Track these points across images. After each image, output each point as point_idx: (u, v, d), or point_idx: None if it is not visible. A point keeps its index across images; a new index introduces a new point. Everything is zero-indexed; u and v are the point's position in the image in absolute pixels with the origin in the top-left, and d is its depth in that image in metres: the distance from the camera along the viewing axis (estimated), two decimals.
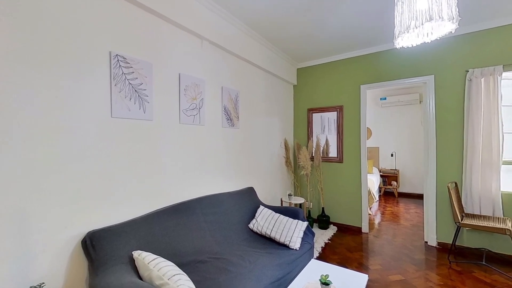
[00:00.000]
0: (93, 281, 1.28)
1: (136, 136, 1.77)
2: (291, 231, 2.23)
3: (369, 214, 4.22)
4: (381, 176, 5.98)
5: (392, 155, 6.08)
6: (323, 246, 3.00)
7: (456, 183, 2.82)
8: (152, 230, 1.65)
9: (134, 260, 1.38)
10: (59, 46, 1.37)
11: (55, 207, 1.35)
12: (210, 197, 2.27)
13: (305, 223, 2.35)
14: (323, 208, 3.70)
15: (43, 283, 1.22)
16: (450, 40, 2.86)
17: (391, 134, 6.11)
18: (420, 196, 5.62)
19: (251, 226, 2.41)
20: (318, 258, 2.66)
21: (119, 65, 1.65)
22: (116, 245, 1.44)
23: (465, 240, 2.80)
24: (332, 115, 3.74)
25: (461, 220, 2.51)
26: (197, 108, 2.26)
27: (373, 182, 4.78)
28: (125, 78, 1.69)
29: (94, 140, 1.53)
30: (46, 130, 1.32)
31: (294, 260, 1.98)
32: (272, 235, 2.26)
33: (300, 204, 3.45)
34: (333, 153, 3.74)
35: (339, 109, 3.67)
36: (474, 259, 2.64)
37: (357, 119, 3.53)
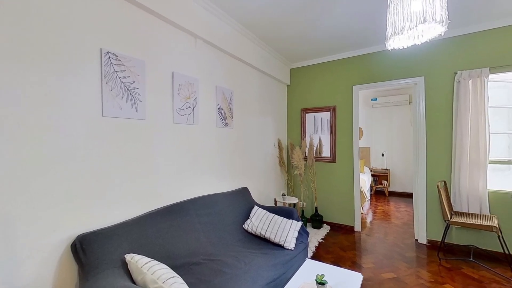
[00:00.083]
0: (83, 287, 1.23)
1: (128, 136, 1.72)
2: (285, 231, 2.23)
3: (361, 213, 4.27)
4: (372, 175, 6.08)
5: (382, 155, 6.19)
6: (317, 245, 3.02)
7: (445, 182, 2.90)
8: (145, 232, 1.61)
9: (127, 263, 1.34)
10: (48, 42, 1.32)
11: (42, 209, 1.29)
12: (204, 197, 2.24)
13: (300, 223, 2.35)
14: (316, 207, 3.72)
15: None
16: (440, 43, 2.93)
17: (381, 134, 6.22)
18: (409, 195, 5.75)
19: (245, 226, 2.39)
20: (312, 258, 2.67)
21: (111, 62, 1.60)
22: (107, 249, 1.39)
23: (454, 237, 2.88)
24: (325, 115, 3.76)
25: (450, 218, 2.57)
26: (191, 107, 2.23)
27: (364, 181, 4.86)
28: (116, 76, 1.64)
29: (84, 140, 1.47)
30: (33, 129, 1.27)
31: (289, 260, 1.98)
32: (267, 236, 2.25)
33: (294, 204, 3.46)
34: (326, 153, 3.77)
35: (332, 109, 3.70)
36: (463, 255, 2.72)
37: (349, 119, 3.57)
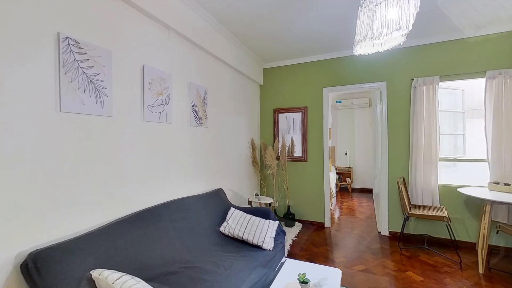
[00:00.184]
0: None
1: (91, 135, 1.51)
2: (263, 232, 2.21)
3: (331, 210, 4.48)
4: (337, 173, 6.44)
5: (346, 154, 6.60)
6: (291, 243, 3.07)
7: (404, 178, 3.18)
8: (113, 243, 1.43)
9: (94, 281, 1.16)
10: None
11: None
12: (178, 201, 2.10)
13: (277, 223, 2.35)
14: (288, 206, 3.79)
15: None
16: (399, 51, 3.21)
17: (345, 134, 6.63)
18: (370, 191, 6.22)
19: (222, 229, 2.31)
20: (288, 256, 2.70)
21: (70, 50, 1.39)
22: (68, 266, 1.19)
23: (411, 228, 3.19)
24: (297, 116, 3.85)
25: (410, 211, 2.84)
26: (164, 104, 2.07)
27: (331, 179, 5.11)
28: (78, 66, 1.42)
29: (36, 139, 1.25)
30: None
31: (269, 261, 1.96)
32: (245, 237, 2.20)
33: (270, 203, 3.47)
34: (298, 152, 3.86)
35: (303, 110, 3.80)
36: (418, 244, 3.02)
37: (320, 120, 3.71)
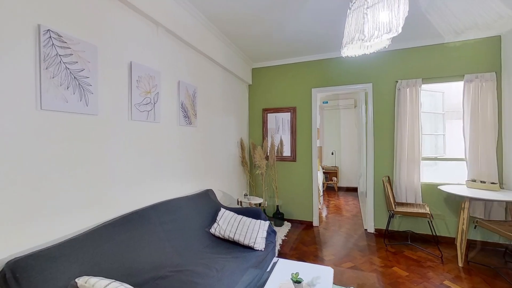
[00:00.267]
0: None
1: (75, 134, 1.43)
2: (255, 232, 2.19)
3: (319, 208, 4.55)
4: (324, 172, 6.56)
5: (332, 154, 6.74)
6: (281, 243, 3.08)
7: (389, 177, 3.29)
8: (100, 248, 1.36)
9: None
10: None
11: None
12: (167, 202, 2.04)
13: (267, 223, 2.35)
14: (277, 206, 3.80)
15: None
16: (384, 54, 3.32)
17: (331, 134, 6.76)
18: (355, 189, 6.39)
19: (212, 230, 2.27)
20: (278, 256, 2.70)
21: (52, 43, 1.30)
22: (51, 274, 1.12)
23: (395, 225, 3.30)
24: (286, 116, 3.88)
25: (395, 209, 2.94)
26: (152, 103, 2.00)
27: (318, 178, 5.19)
28: (60, 61, 1.34)
29: (14, 138, 1.16)
30: None
31: (261, 262, 1.95)
32: (236, 238, 2.18)
33: (260, 203, 3.46)
34: (287, 152, 3.89)
35: (292, 110, 3.83)
36: (402, 240, 3.13)
37: (309, 120, 3.75)
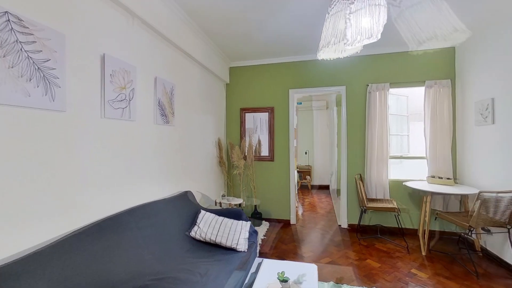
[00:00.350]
0: None
1: (40, 133, 1.26)
2: (237, 234, 2.16)
3: (296, 207, 4.65)
4: (298, 171, 6.74)
5: (306, 153, 6.96)
6: (260, 243, 3.08)
7: (360, 175, 3.49)
8: (71, 260, 1.22)
9: None
10: None
11: None
12: (144, 206, 1.90)
13: (249, 223, 2.33)
14: (255, 206, 3.80)
15: None
16: (357, 59, 3.51)
17: (305, 134, 6.98)
18: (327, 187, 6.68)
19: (193, 234, 2.18)
20: (260, 256, 2.70)
21: (11, 28, 1.13)
22: None
23: (366, 219, 3.52)
24: (264, 116, 3.90)
25: (367, 204, 3.12)
26: (127, 99, 1.85)
27: (294, 177, 5.32)
28: (21, 49, 1.17)
29: None
30: None
31: (245, 263, 1.92)
32: (218, 241, 2.12)
33: (239, 204, 3.43)
34: (265, 152, 3.90)
35: (270, 110, 3.86)
36: (373, 233, 3.35)
37: (286, 121, 3.81)
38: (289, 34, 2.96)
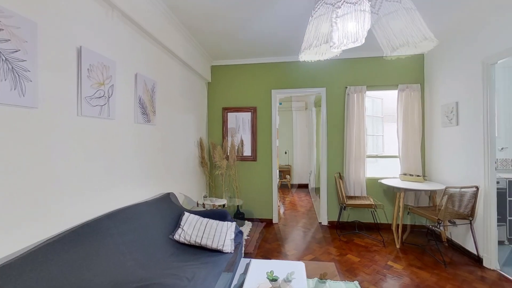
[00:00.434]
0: None
1: (6, 131, 1.13)
2: (223, 235, 2.13)
3: (278, 206, 4.70)
4: (278, 171, 6.83)
5: (286, 153, 7.07)
6: (244, 243, 3.07)
7: (340, 173, 3.63)
8: (45, 272, 1.11)
9: None
10: None
11: None
12: (124, 210, 1.80)
13: (234, 224, 2.31)
14: (238, 206, 3.78)
15: None
16: (336, 62, 3.65)
17: (285, 135, 7.09)
18: (306, 186, 6.85)
19: (177, 237, 2.11)
20: (245, 256, 2.69)
21: None
22: None
23: (345, 216, 3.67)
24: (247, 116, 3.88)
25: (346, 202, 3.26)
26: (106, 96, 1.73)
27: (276, 177, 5.38)
28: None
29: None
30: None
31: (232, 264, 1.90)
32: (204, 243, 2.07)
33: (224, 204, 3.37)
34: (247, 152, 3.90)
35: (253, 110, 3.86)
36: (351, 229, 3.50)
37: (269, 121, 3.84)
38: (272, 34, 2.99)
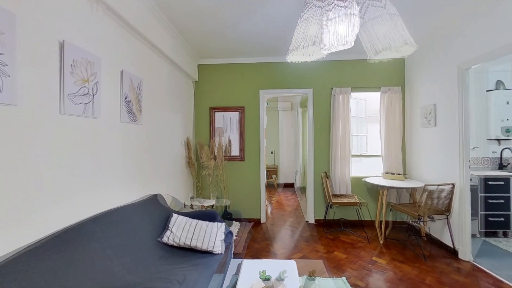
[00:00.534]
0: None
1: None
2: (213, 236, 2.11)
3: (266, 205, 4.72)
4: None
5: (272, 153, 7.12)
6: (233, 243, 3.05)
7: (326, 172, 3.72)
8: (27, 281, 1.03)
9: None
10: None
11: None
12: (111, 213, 1.72)
13: (224, 224, 2.29)
14: (225, 206, 3.75)
15: None
16: (323, 63, 3.73)
17: (271, 135, 7.13)
18: (292, 185, 6.94)
19: (165, 239, 2.05)
20: (234, 256, 2.67)
21: None
22: None
23: (331, 214, 3.76)
24: (235, 115, 3.87)
25: (332, 200, 3.34)
26: (90, 94, 1.65)
27: (264, 176, 5.40)
28: None
29: None
30: None
31: (223, 265, 1.89)
32: (193, 244, 2.04)
33: (213, 205, 3.33)
34: (235, 152, 3.88)
35: (241, 110, 3.85)
36: (337, 227, 3.60)
37: (257, 120, 3.85)
38: (261, 34, 3.00)
